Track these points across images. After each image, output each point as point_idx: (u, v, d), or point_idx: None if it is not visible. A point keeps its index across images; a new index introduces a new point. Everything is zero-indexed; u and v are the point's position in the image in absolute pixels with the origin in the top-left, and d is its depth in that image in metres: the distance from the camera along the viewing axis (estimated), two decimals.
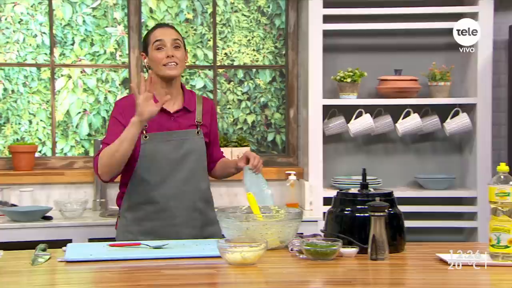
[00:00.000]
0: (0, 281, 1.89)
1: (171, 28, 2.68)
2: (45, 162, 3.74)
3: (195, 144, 2.65)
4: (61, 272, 2.01)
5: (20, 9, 3.76)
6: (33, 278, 1.95)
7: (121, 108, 2.63)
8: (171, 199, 2.58)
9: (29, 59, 3.78)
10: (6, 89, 3.77)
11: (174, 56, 2.59)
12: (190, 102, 2.69)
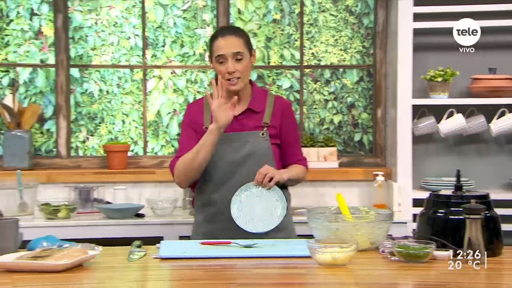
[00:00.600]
0: (99, 275, 1.96)
1: (233, 36, 2.58)
2: (137, 161, 3.85)
3: (257, 146, 2.58)
4: (155, 268, 2.06)
5: (115, 13, 3.90)
6: (129, 273, 2.01)
7: (191, 113, 2.66)
8: (229, 203, 2.52)
9: (122, 60, 3.91)
10: (101, 90, 3.91)
11: (235, 71, 2.55)
12: (257, 102, 2.63)
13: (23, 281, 1.85)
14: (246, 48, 2.59)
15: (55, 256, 1.97)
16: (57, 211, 3.24)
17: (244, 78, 2.58)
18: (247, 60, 2.58)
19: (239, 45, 2.56)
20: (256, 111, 2.62)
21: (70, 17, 3.82)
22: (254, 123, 2.60)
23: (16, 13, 3.81)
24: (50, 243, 2.15)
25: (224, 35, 2.58)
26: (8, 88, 3.78)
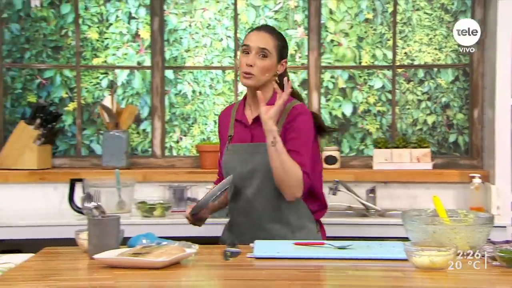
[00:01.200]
0: (196, 273, 2.00)
1: (268, 34, 2.48)
2: None
3: (263, 159, 2.42)
4: (250, 267, 2.08)
5: (209, 15, 3.96)
6: (225, 272, 2.04)
7: (220, 120, 2.65)
8: (240, 215, 2.50)
9: (215, 62, 3.97)
10: (194, 91, 3.99)
11: (254, 65, 2.43)
12: None
13: (124, 277, 1.91)
14: (275, 51, 2.46)
15: (154, 253, 2.02)
16: (152, 209, 3.33)
17: (260, 78, 2.44)
18: (271, 62, 2.45)
19: (268, 43, 2.45)
20: None
21: (166, 20, 3.92)
22: (264, 134, 2.40)
23: (115, 17, 3.94)
24: (149, 240, 2.21)
25: (260, 30, 2.50)
26: (107, 90, 3.92)
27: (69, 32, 3.90)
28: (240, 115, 2.54)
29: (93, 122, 3.94)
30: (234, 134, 2.52)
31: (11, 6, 3.85)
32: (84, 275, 1.99)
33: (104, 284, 1.85)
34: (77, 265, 2.09)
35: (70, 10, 3.89)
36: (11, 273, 1.93)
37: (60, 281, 1.87)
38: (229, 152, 2.52)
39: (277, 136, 2.35)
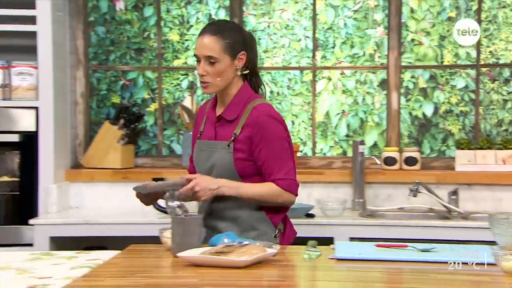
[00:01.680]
0: (278, 273, 2.00)
1: (212, 37, 2.37)
2: (306, 162, 3.90)
3: (220, 157, 2.42)
4: (331, 269, 2.07)
5: (287, 15, 3.97)
6: (307, 272, 2.04)
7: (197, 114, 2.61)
8: (204, 212, 2.46)
9: (293, 62, 3.97)
10: (272, 92, 4.00)
11: (206, 74, 2.38)
12: (231, 111, 2.44)
13: (208, 275, 1.93)
14: (224, 52, 2.37)
15: (236, 252, 2.03)
16: None
17: (216, 84, 2.40)
18: (223, 65, 2.38)
19: (214, 49, 2.37)
20: (227, 119, 2.44)
21: (245, 21, 3.95)
22: (227, 133, 2.43)
23: (196, 19, 4.01)
24: (231, 240, 2.23)
25: (204, 34, 2.39)
26: (187, 91, 3.98)
27: (151, 34, 3.99)
28: (210, 112, 2.52)
29: (174, 122, 4.01)
30: (203, 130, 2.53)
31: (97, 10, 3.97)
32: (169, 273, 2.03)
33: (188, 282, 1.88)
34: (161, 263, 2.13)
35: (153, 13, 3.98)
36: (100, 269, 1.99)
37: (146, 278, 1.91)
38: (196, 148, 2.54)
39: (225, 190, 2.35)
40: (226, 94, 2.44)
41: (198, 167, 2.52)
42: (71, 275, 1.89)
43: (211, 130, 2.48)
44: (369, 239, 2.90)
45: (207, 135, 2.49)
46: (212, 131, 2.48)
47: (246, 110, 2.41)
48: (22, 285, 1.78)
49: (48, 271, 1.94)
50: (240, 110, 2.42)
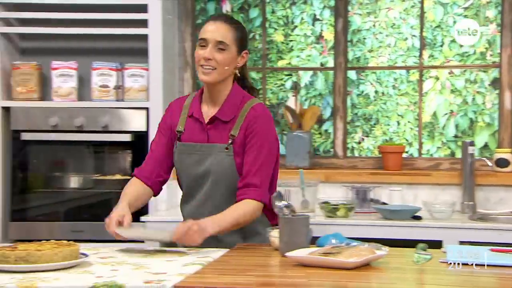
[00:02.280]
0: (387, 276, 1.97)
1: (225, 24, 2.30)
2: (412, 163, 3.82)
3: (218, 161, 2.30)
4: (444, 273, 2.01)
5: (394, 14, 3.91)
6: (418, 276, 2.00)
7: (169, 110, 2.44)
8: (192, 218, 2.26)
9: (399, 62, 3.90)
10: (377, 92, 3.95)
11: (213, 59, 2.26)
12: (227, 111, 2.32)
13: (316, 275, 1.93)
14: (234, 43, 2.29)
15: (344, 253, 2.02)
16: (336, 210, 3.34)
17: (220, 72, 2.28)
18: (230, 55, 2.29)
19: (226, 36, 2.28)
20: (224, 120, 2.32)
21: (350, 21, 3.92)
22: (222, 134, 2.32)
23: (300, 19, 4.02)
24: (339, 240, 2.22)
25: (217, 20, 2.31)
26: (291, 91, 4.00)
27: (256, 35, 4.03)
28: (196, 112, 2.36)
29: (277, 122, 4.04)
30: (185, 131, 2.36)
31: (204, 12, 4.05)
32: (277, 272, 2.05)
33: (296, 281, 1.89)
34: (270, 262, 2.15)
35: (258, 14, 4.02)
36: (211, 267, 2.03)
37: (255, 276, 1.93)
38: (180, 151, 2.37)
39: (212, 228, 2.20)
40: (218, 92, 2.33)
41: (185, 172, 2.36)
42: (184, 271, 1.94)
43: (201, 132, 2.34)
44: (480, 243, 2.80)
45: (196, 137, 2.34)
46: (203, 133, 2.34)
47: (242, 110, 2.32)
48: (139, 280, 1.84)
49: (162, 267, 2.00)
50: (236, 111, 2.33)
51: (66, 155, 3.66)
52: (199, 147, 2.33)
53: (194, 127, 2.36)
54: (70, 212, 3.62)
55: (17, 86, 3.57)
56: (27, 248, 1.94)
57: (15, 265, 1.90)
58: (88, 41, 3.70)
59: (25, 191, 3.61)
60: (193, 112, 2.37)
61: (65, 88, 3.59)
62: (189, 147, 2.35)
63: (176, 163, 2.38)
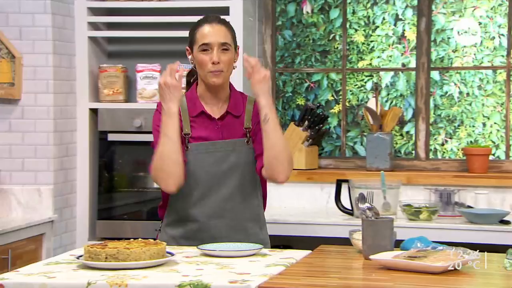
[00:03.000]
0: (476, 281, 1.93)
1: (222, 26, 2.37)
2: (499, 165, 3.71)
3: (243, 156, 2.35)
4: None
5: (480, 13, 3.80)
6: (507, 282, 1.93)
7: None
8: (212, 218, 2.34)
9: (485, 61, 3.79)
10: (461, 92, 3.85)
11: (220, 62, 2.32)
12: (236, 105, 2.39)
13: (402, 279, 1.90)
14: (232, 41, 2.38)
15: (431, 257, 1.98)
16: (418, 213, 3.28)
17: (227, 72, 2.36)
18: (232, 54, 2.37)
19: (227, 36, 2.36)
20: (236, 115, 2.38)
21: (433, 20, 3.84)
22: (236, 129, 2.37)
23: (382, 19, 3.96)
24: (424, 244, 2.18)
25: (212, 22, 2.36)
26: (371, 92, 3.95)
27: (336, 36, 4.01)
28: (200, 111, 2.38)
29: (357, 124, 4.00)
30: (193, 132, 2.36)
31: (285, 14, 4.07)
32: (362, 275, 2.03)
33: (381, 285, 1.87)
34: (353, 264, 2.13)
35: (339, 15, 3.99)
36: (294, 268, 2.04)
37: (339, 278, 1.92)
38: (194, 152, 2.34)
39: (268, 111, 2.26)
40: (222, 90, 2.39)
41: (204, 171, 2.34)
42: (267, 272, 1.95)
43: (214, 130, 2.36)
44: None
45: (209, 136, 2.35)
46: (216, 130, 2.36)
47: (248, 103, 2.40)
48: (224, 279, 1.87)
49: (246, 267, 2.02)
50: (242, 105, 2.41)
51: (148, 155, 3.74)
52: (221, 144, 2.35)
53: (203, 126, 2.38)
54: (153, 211, 3.70)
55: (104, 88, 3.68)
56: (117, 246, 1.99)
57: (105, 263, 1.96)
58: (171, 44, 3.77)
59: (111, 190, 3.72)
60: (201, 111, 2.38)
61: (149, 90, 3.68)
62: (207, 146, 2.36)
63: (191, 164, 2.35)
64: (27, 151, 3.44)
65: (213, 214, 2.35)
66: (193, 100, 2.40)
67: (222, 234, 2.35)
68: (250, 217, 2.40)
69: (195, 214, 2.36)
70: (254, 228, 2.40)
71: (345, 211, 3.43)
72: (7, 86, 3.42)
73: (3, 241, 3.05)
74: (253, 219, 2.40)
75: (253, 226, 2.40)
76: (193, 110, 2.39)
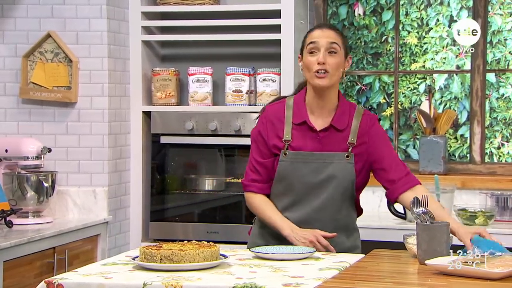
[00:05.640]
0: None
1: (331, 30, 2.40)
2: None
3: (340, 169, 2.34)
4: None
5: None
6: None
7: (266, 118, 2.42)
8: (300, 224, 2.35)
9: None
10: None
11: (326, 63, 2.32)
12: (341, 118, 2.37)
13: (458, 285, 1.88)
14: (343, 46, 2.39)
15: (489, 263, 1.94)
16: (474, 217, 3.22)
17: (333, 76, 2.34)
18: (340, 58, 2.36)
19: (336, 38, 2.37)
20: (339, 129, 2.37)
21: (489, 21, 3.77)
22: (338, 142, 2.36)
23: (436, 21, 3.91)
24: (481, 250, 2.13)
25: (322, 27, 2.42)
26: (424, 95, 3.90)
27: (389, 38, 3.97)
28: (303, 120, 2.39)
29: (410, 127, 3.95)
30: (293, 140, 2.37)
31: (336, 16, 4.05)
32: (418, 280, 2.00)
33: None
34: (408, 269, 2.11)
35: (391, 17, 3.95)
36: (348, 272, 2.02)
37: (393, 283, 1.90)
38: (291, 160, 2.37)
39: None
40: (329, 99, 2.38)
41: (299, 181, 2.38)
42: (320, 275, 1.95)
43: (314, 140, 2.37)
44: None
45: (308, 146, 2.37)
46: (316, 142, 2.37)
47: (355, 117, 2.38)
48: (277, 282, 1.87)
49: (299, 270, 2.02)
50: (348, 118, 2.39)
51: (200, 158, 3.78)
52: (319, 155, 2.36)
53: (303, 135, 2.39)
54: (204, 213, 3.73)
55: (157, 91, 3.73)
56: (171, 248, 2.01)
57: (160, 264, 1.98)
58: (223, 47, 3.80)
59: (163, 192, 3.76)
60: (304, 120, 2.39)
61: (200, 93, 3.71)
62: (305, 156, 2.37)
63: (286, 172, 2.38)
64: (83, 153, 3.51)
65: (301, 222, 2.38)
66: (299, 106, 2.42)
67: None
68: (338, 227, 2.40)
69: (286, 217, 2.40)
70: (340, 238, 2.40)
71: (397, 215, 3.39)
72: (64, 89, 3.50)
73: (61, 241, 3.12)
74: (340, 228, 2.40)
75: (340, 235, 2.39)
76: (297, 118, 2.41)
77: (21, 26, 3.53)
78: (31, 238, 2.92)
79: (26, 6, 3.51)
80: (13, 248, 2.79)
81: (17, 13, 3.53)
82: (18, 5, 3.52)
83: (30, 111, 3.53)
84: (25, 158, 3.31)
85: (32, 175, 3.31)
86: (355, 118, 2.39)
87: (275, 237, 2.39)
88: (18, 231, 3.03)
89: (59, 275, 1.99)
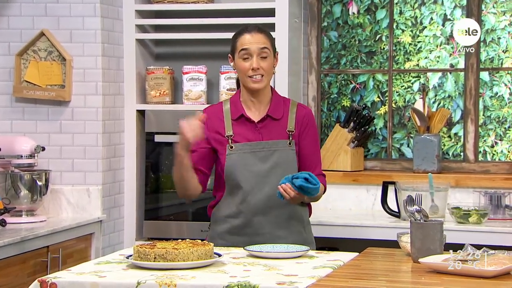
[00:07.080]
0: None
1: (260, 33, 2.53)
2: None
3: (284, 156, 2.51)
4: None
5: None
6: None
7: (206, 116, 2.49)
8: (255, 215, 2.47)
9: None
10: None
11: (260, 68, 2.48)
12: (277, 108, 2.55)
13: (452, 283, 1.88)
14: (271, 48, 2.54)
15: (483, 261, 1.95)
16: (468, 216, 3.23)
17: (267, 77, 2.52)
18: (271, 60, 2.53)
19: (265, 42, 2.52)
20: (276, 118, 2.54)
21: (483, 20, 3.77)
22: (278, 131, 2.53)
23: (430, 19, 3.91)
24: None
25: (251, 31, 2.53)
26: (418, 93, 3.91)
27: (383, 37, 3.97)
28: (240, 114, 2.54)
29: (404, 125, 3.95)
30: (235, 134, 2.51)
31: (330, 15, 4.05)
32: (411, 278, 2.01)
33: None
34: (402, 267, 2.12)
35: (385, 15, 3.96)
36: (342, 270, 2.03)
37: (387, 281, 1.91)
38: (238, 151, 2.50)
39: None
40: (263, 95, 2.55)
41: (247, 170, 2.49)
42: (314, 274, 1.95)
43: (254, 132, 2.52)
44: None
45: (250, 137, 2.51)
46: (256, 132, 2.52)
47: (290, 107, 2.55)
48: (272, 281, 1.87)
49: (293, 269, 2.02)
50: (283, 108, 2.55)
51: None
52: (264, 144, 2.52)
53: (243, 128, 2.54)
54: (198, 212, 3.73)
55: (151, 90, 3.72)
56: (165, 247, 2.01)
57: (154, 263, 1.98)
58: (217, 46, 3.79)
59: (157, 191, 3.76)
60: (241, 114, 2.55)
61: (195, 91, 3.70)
62: (251, 146, 2.52)
63: (234, 164, 2.51)
64: (77, 152, 3.50)
65: (257, 211, 2.49)
66: (235, 104, 2.59)
67: (265, 230, 2.49)
68: (293, 215, 2.53)
69: (239, 210, 2.51)
70: (297, 227, 2.53)
71: (391, 213, 3.40)
72: (58, 88, 3.49)
73: (55, 240, 3.12)
74: (296, 218, 2.54)
75: (296, 224, 2.53)
76: (234, 113, 2.57)
77: (14, 25, 3.52)
78: (25, 237, 2.91)
79: (20, 4, 3.50)
80: (7, 247, 2.79)
81: (10, 11, 3.52)
82: (12, 3, 3.51)
83: (24, 109, 3.52)
84: (19, 157, 3.30)
85: (25, 173, 3.30)
86: (291, 108, 2.57)
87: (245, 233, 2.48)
88: (11, 230, 3.02)
89: (52, 274, 1.99)
